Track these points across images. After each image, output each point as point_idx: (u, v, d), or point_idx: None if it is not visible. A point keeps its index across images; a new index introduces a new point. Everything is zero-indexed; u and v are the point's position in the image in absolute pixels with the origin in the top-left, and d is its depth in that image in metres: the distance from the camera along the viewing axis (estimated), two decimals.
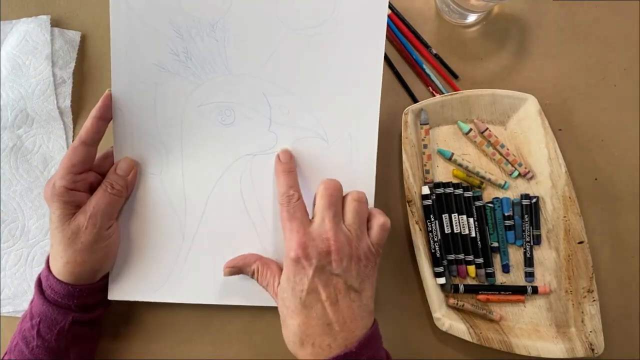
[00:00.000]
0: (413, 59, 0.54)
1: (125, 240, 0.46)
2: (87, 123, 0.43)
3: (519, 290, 0.50)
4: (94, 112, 0.43)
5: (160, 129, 0.45)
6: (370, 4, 0.44)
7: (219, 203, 0.46)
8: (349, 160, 0.46)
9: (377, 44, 0.45)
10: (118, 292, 0.47)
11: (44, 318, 0.42)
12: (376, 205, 0.46)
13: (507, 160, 0.52)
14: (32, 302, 0.44)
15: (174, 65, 0.45)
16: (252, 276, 0.44)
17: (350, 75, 0.45)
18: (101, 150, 0.46)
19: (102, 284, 0.46)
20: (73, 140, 0.55)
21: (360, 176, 0.46)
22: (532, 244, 0.51)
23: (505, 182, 0.52)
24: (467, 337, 0.48)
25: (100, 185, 0.44)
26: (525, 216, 0.51)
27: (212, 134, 0.46)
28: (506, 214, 0.51)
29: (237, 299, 0.47)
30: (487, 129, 0.52)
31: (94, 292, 0.45)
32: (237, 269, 0.45)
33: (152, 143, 0.46)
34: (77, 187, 0.43)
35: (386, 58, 0.54)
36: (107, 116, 0.44)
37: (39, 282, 0.44)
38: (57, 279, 0.42)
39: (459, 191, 0.51)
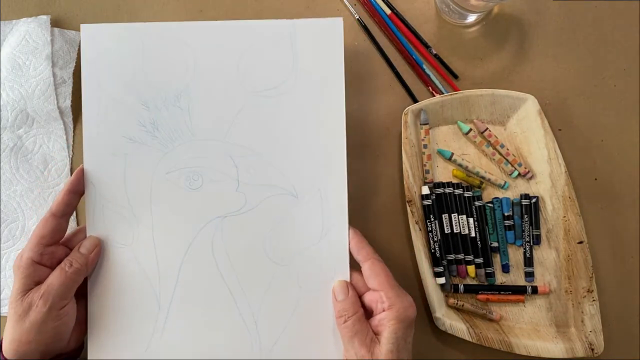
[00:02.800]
0: (413, 59, 0.54)
1: (100, 313, 0.45)
2: (59, 196, 0.43)
3: (519, 290, 0.50)
4: (66, 186, 0.44)
5: (130, 199, 0.46)
6: (327, 60, 0.46)
7: (192, 268, 0.46)
8: (320, 213, 0.46)
9: (337, 100, 0.46)
10: (98, 352, 0.45)
11: None
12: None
13: (507, 160, 0.52)
14: None
15: (142, 136, 0.46)
16: (344, 319, 0.42)
17: (314, 130, 0.46)
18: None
19: None
20: (74, 141, 0.55)
21: (332, 228, 0.46)
22: (531, 244, 0.51)
23: (505, 182, 0.52)
24: (467, 337, 0.48)
25: (60, 263, 0.42)
26: (525, 216, 0.51)
27: (181, 199, 0.46)
28: (506, 214, 0.51)
29: None
30: (487, 129, 0.52)
31: None
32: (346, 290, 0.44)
33: (123, 214, 0.46)
34: (44, 261, 0.42)
35: (386, 58, 0.54)
36: (79, 190, 0.45)
37: None
38: (5, 358, 0.41)
39: (459, 191, 0.51)
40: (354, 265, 0.45)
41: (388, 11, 0.55)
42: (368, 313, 0.44)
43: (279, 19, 0.46)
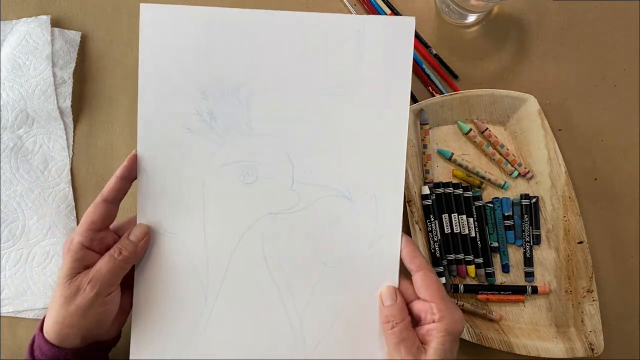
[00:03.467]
0: (413, 58, 0.54)
1: (146, 302, 0.45)
2: (111, 181, 0.43)
3: (519, 290, 0.50)
4: (118, 172, 0.43)
5: (183, 189, 0.45)
6: (395, 62, 0.44)
7: (241, 263, 0.45)
8: (374, 220, 0.45)
9: (401, 104, 0.44)
10: (140, 353, 0.45)
11: None
12: None
13: (507, 160, 0.52)
14: None
15: (199, 125, 0.45)
16: (392, 325, 0.42)
17: (374, 134, 0.45)
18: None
19: (90, 349, 0.43)
20: (74, 141, 0.55)
21: (384, 234, 0.45)
22: (531, 243, 0.51)
23: (505, 182, 0.52)
24: (467, 337, 0.48)
25: (110, 250, 0.42)
26: (525, 216, 0.51)
27: (234, 193, 0.45)
28: (506, 214, 0.51)
29: None
30: (487, 129, 0.52)
31: (81, 357, 0.42)
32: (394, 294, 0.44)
33: (174, 203, 0.45)
34: (94, 246, 0.42)
35: None
36: (131, 176, 0.44)
37: (32, 342, 0.42)
38: (45, 339, 0.41)
39: (459, 191, 0.51)
40: (402, 272, 0.45)
41: (388, 11, 0.55)
42: (415, 321, 0.43)
43: (348, 14, 0.44)
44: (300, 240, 0.45)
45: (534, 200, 0.51)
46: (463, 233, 0.51)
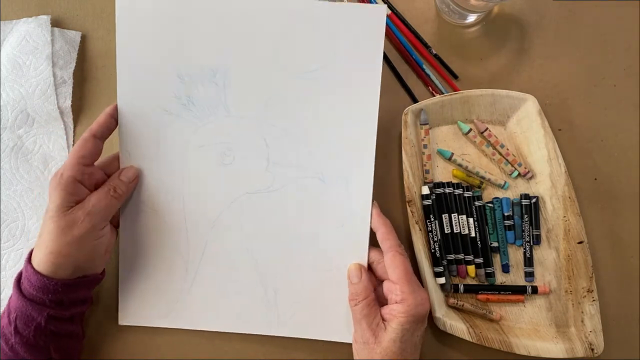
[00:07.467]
0: (413, 59, 0.54)
1: (131, 271, 0.49)
2: (100, 118, 0.45)
3: (519, 290, 0.50)
4: (108, 109, 0.46)
5: (164, 169, 0.47)
6: (366, 49, 0.46)
7: (219, 238, 0.48)
8: (345, 201, 0.47)
9: (372, 91, 0.46)
10: (128, 318, 0.49)
11: (19, 314, 0.42)
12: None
13: (507, 160, 0.52)
14: (10, 297, 0.44)
15: (177, 108, 0.47)
16: (355, 302, 0.45)
17: (346, 118, 0.46)
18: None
19: (78, 282, 0.44)
20: (74, 141, 0.55)
21: (355, 216, 0.47)
22: (531, 243, 0.51)
23: (505, 182, 0.52)
24: (467, 337, 0.48)
25: (103, 186, 0.45)
26: (525, 216, 0.51)
27: (212, 173, 0.47)
28: (506, 214, 0.51)
29: (240, 328, 0.49)
30: (486, 129, 0.52)
31: (69, 289, 0.43)
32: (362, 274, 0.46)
33: (155, 183, 0.48)
34: (84, 180, 0.44)
35: (386, 58, 0.54)
36: (116, 115, 0.47)
37: (18, 277, 0.44)
38: (35, 270, 0.42)
39: (459, 191, 0.51)
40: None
41: (388, 11, 0.55)
42: (384, 299, 0.45)
43: (322, 1, 0.46)
44: (275, 218, 0.48)
45: (534, 200, 0.51)
46: (463, 233, 0.51)
